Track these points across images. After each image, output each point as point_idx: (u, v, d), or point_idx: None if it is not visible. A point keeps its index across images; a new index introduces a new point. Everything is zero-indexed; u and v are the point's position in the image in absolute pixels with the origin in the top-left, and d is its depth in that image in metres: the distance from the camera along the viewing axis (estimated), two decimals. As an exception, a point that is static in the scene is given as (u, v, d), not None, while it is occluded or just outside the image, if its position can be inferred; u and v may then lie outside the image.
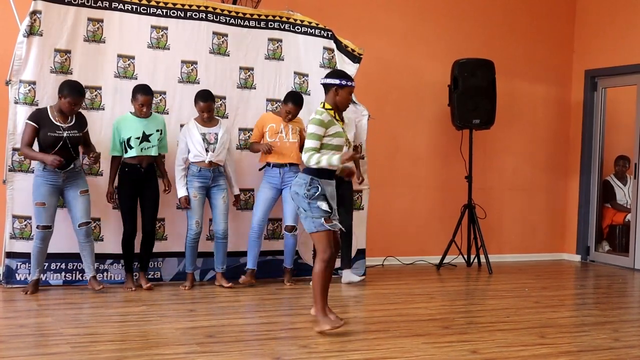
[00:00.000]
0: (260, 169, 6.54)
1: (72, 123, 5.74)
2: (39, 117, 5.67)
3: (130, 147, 5.97)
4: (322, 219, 4.66)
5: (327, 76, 4.91)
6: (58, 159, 5.57)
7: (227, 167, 6.37)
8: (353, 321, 5.10)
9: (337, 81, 4.78)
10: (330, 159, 4.65)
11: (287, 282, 6.55)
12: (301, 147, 6.54)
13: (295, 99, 6.37)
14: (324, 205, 4.67)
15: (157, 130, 6.04)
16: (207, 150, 6.16)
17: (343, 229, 4.96)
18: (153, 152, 6.01)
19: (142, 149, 5.97)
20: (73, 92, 5.69)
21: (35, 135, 5.66)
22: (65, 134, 5.67)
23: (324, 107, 4.80)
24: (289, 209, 6.45)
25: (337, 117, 4.81)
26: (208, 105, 6.17)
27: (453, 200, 8.23)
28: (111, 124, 6.13)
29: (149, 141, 5.99)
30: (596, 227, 8.85)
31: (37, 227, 5.72)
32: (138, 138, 5.96)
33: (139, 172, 6.00)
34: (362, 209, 6.99)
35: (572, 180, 9.03)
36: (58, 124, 5.68)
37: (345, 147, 4.83)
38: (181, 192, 6.15)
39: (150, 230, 6.12)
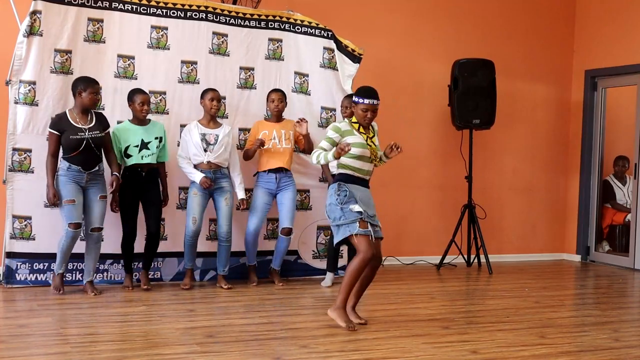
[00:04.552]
0: (254, 175, 6.53)
1: (93, 124, 5.73)
2: (59, 123, 5.67)
3: (129, 156, 5.96)
4: (357, 222, 4.78)
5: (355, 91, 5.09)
6: (53, 201, 5.62)
7: (230, 172, 6.35)
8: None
9: (355, 98, 5.01)
10: (326, 155, 4.88)
11: (278, 283, 6.52)
12: (303, 150, 6.58)
13: (275, 89, 6.52)
14: (356, 208, 4.81)
15: (156, 138, 6.03)
16: (205, 151, 6.16)
17: (380, 236, 4.97)
18: (154, 159, 6.00)
19: (142, 156, 5.96)
20: (90, 82, 5.72)
21: (59, 143, 5.66)
22: (87, 135, 5.67)
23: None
24: (286, 212, 6.46)
25: (361, 130, 4.96)
26: (217, 95, 6.22)
27: (453, 200, 8.23)
28: (111, 124, 6.12)
29: (148, 149, 5.98)
30: (596, 227, 8.85)
31: (69, 225, 5.66)
32: (137, 146, 5.95)
33: (140, 175, 6.00)
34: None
35: (572, 180, 9.03)
36: (79, 125, 5.67)
37: (368, 160, 4.95)
38: (198, 176, 6.12)
39: (155, 231, 6.10)
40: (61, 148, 5.71)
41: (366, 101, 4.93)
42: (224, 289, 6.22)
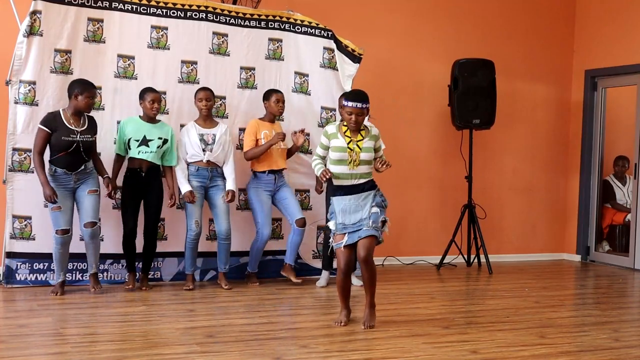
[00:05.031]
0: (254, 176, 6.49)
1: (85, 127, 5.72)
2: (52, 121, 5.64)
3: (130, 149, 5.97)
4: (332, 238, 4.95)
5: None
6: (52, 198, 5.57)
7: (224, 168, 6.32)
8: (353, 321, 5.09)
9: (342, 101, 5.03)
10: (316, 169, 5.02)
11: (294, 280, 6.49)
12: (288, 152, 6.60)
13: (275, 90, 6.54)
14: (331, 225, 4.96)
15: (160, 138, 6.02)
16: (204, 151, 6.16)
17: (364, 235, 4.86)
18: (151, 158, 5.98)
19: (139, 152, 5.96)
20: (87, 86, 5.71)
21: (47, 140, 5.63)
22: (78, 138, 5.66)
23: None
24: (293, 204, 6.47)
25: (348, 134, 4.92)
26: (207, 94, 6.19)
27: (453, 200, 8.23)
28: (111, 124, 6.14)
29: (147, 146, 5.97)
30: (596, 227, 8.84)
31: (56, 232, 5.67)
32: (137, 140, 5.95)
33: (140, 176, 6.00)
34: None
35: (572, 180, 9.03)
36: (72, 127, 5.65)
37: (346, 164, 4.88)
38: (185, 187, 6.12)
39: (151, 233, 6.11)
40: (48, 147, 5.68)
41: (350, 104, 4.87)
42: (224, 288, 6.22)
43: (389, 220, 4.98)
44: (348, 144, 4.89)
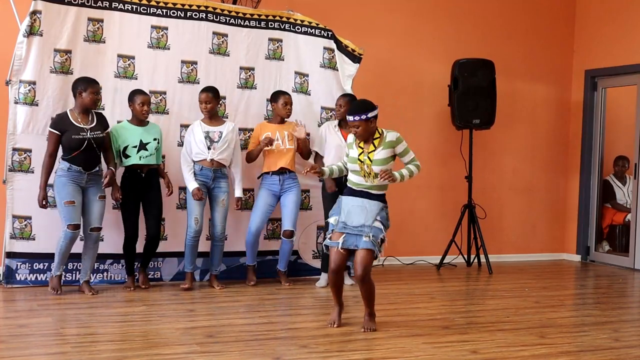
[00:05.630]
0: (258, 177, 6.53)
1: (94, 124, 5.74)
2: (60, 123, 5.67)
3: (127, 156, 5.95)
4: (329, 235, 4.91)
5: None
6: (42, 203, 5.66)
7: (231, 169, 6.35)
8: (353, 321, 5.10)
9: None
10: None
11: (285, 283, 6.54)
12: (301, 153, 6.56)
13: (283, 92, 6.51)
14: (331, 220, 4.93)
15: (155, 139, 6.03)
16: (209, 148, 6.16)
17: (362, 247, 4.77)
18: (152, 160, 5.99)
19: (140, 157, 5.95)
20: (90, 82, 5.74)
21: (58, 143, 5.67)
22: (89, 135, 5.66)
23: None
24: (288, 214, 6.46)
25: (361, 144, 4.92)
26: (207, 97, 6.17)
27: (453, 200, 8.23)
28: (111, 124, 6.12)
29: (146, 149, 5.97)
30: (596, 227, 8.85)
31: (68, 226, 5.67)
32: (135, 147, 5.94)
33: (140, 176, 6.00)
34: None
35: (572, 180, 9.03)
36: (81, 125, 5.67)
37: (360, 175, 4.88)
38: (192, 185, 6.11)
39: (155, 233, 6.09)
40: (61, 148, 5.71)
41: (348, 118, 4.89)
42: (216, 289, 6.22)
43: (386, 242, 4.87)
44: (359, 155, 4.88)
